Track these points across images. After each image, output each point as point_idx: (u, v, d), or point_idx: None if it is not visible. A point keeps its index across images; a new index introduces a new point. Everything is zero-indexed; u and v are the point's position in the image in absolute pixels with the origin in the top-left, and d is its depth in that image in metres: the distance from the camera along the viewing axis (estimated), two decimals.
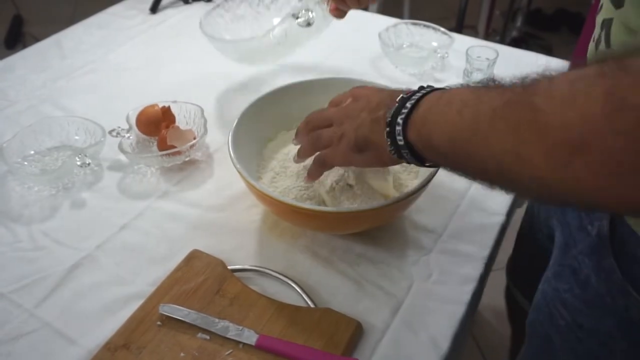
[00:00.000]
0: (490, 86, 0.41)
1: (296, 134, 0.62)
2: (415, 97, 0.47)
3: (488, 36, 2.48)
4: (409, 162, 0.49)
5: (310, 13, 0.82)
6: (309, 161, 0.61)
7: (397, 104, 0.48)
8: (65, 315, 0.60)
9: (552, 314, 0.62)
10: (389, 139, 0.48)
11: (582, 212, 0.59)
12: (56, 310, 0.60)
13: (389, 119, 0.48)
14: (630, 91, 0.30)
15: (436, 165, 0.50)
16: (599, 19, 0.54)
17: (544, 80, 0.35)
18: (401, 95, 0.49)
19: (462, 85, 0.45)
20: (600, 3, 0.54)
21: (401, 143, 0.47)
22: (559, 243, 0.63)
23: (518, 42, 2.62)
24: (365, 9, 0.87)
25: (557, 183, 0.34)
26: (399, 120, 0.47)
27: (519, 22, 2.69)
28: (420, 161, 0.48)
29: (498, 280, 1.01)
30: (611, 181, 0.31)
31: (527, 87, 0.36)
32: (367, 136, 0.51)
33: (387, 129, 0.48)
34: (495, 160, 0.38)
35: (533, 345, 0.69)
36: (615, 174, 0.31)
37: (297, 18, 0.82)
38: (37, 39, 1.11)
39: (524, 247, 0.91)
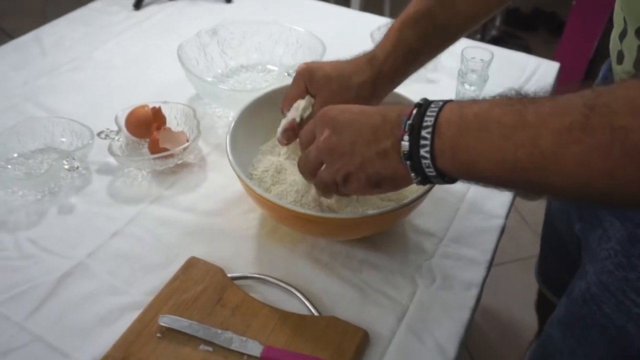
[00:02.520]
0: (524, 103, 0.39)
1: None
2: (428, 122, 0.43)
3: (469, 35, 2.50)
4: (431, 183, 0.47)
5: None
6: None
7: (406, 133, 0.44)
8: (57, 328, 0.57)
9: (622, 304, 0.62)
10: (413, 172, 0.45)
11: None
12: (47, 323, 0.57)
13: (406, 152, 0.44)
14: None
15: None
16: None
17: (616, 100, 0.35)
18: (405, 121, 0.45)
19: (474, 100, 0.43)
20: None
21: (432, 174, 0.44)
22: (618, 237, 0.62)
23: (497, 41, 2.64)
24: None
25: None
26: (424, 154, 0.43)
27: (497, 22, 2.72)
28: (449, 182, 0.46)
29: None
30: None
31: (596, 108, 0.35)
32: (379, 172, 0.48)
33: (408, 162, 0.45)
34: (578, 183, 0.37)
35: (590, 338, 0.69)
36: None
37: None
38: (7, 34, 1.06)
39: (552, 251, 0.93)
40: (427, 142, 0.42)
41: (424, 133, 0.43)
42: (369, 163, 0.48)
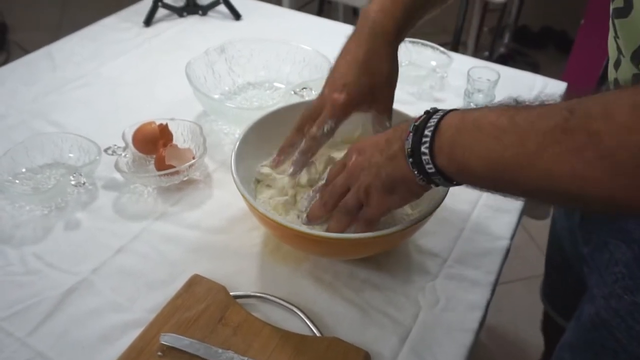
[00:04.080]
0: (516, 108, 0.42)
1: (311, 214, 0.61)
2: (431, 123, 0.47)
3: (477, 52, 2.51)
4: (437, 185, 0.49)
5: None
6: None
7: (411, 133, 0.48)
8: (59, 345, 0.57)
9: (632, 329, 0.61)
10: (415, 169, 0.48)
11: None
12: (50, 339, 0.58)
13: (409, 149, 0.47)
14: None
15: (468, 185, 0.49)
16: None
17: (594, 106, 0.37)
18: (412, 124, 0.48)
19: (476, 106, 0.45)
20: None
21: (432, 171, 0.47)
22: (624, 260, 0.62)
23: (505, 59, 2.65)
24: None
25: (627, 200, 0.36)
26: (424, 150, 0.46)
27: (506, 39, 2.72)
28: (452, 184, 0.48)
29: None
30: None
31: (576, 112, 0.37)
32: (390, 175, 0.50)
33: (410, 159, 0.47)
34: (554, 183, 0.39)
35: None
36: None
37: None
38: (22, 47, 1.09)
39: (557, 271, 0.93)
40: (428, 140, 0.46)
41: (426, 132, 0.46)
42: (383, 168, 0.51)
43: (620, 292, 0.63)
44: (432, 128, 0.46)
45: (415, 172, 0.48)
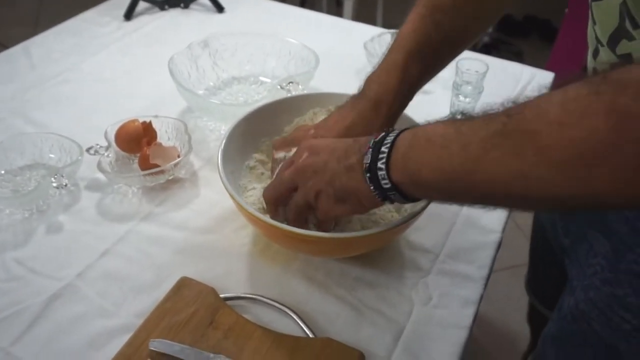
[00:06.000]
0: (463, 120, 0.43)
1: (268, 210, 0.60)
2: (388, 139, 0.47)
3: None
4: (392, 202, 0.50)
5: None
6: None
7: (370, 149, 0.48)
8: (44, 353, 0.55)
9: (611, 320, 0.61)
10: (371, 185, 0.48)
11: (630, 218, 0.60)
12: (35, 348, 0.56)
13: (367, 164, 0.48)
14: (633, 102, 0.32)
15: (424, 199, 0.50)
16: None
17: (528, 108, 0.38)
18: (372, 140, 0.49)
19: (429, 122, 0.47)
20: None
21: (387, 186, 0.47)
22: (603, 252, 0.62)
23: (489, 48, 2.65)
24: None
25: (572, 196, 0.37)
26: (380, 165, 0.47)
27: (490, 28, 2.72)
28: (407, 199, 0.49)
29: None
30: (631, 184, 0.34)
31: (512, 116, 0.38)
32: (345, 185, 0.50)
33: (368, 174, 0.48)
34: (499, 186, 0.40)
35: (582, 356, 0.68)
36: (633, 179, 0.33)
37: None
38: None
39: (542, 262, 0.93)
40: (384, 156, 0.47)
41: (382, 149, 0.47)
42: (337, 177, 0.51)
43: (598, 284, 0.63)
44: (388, 145, 0.47)
45: (372, 187, 0.48)
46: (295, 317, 0.59)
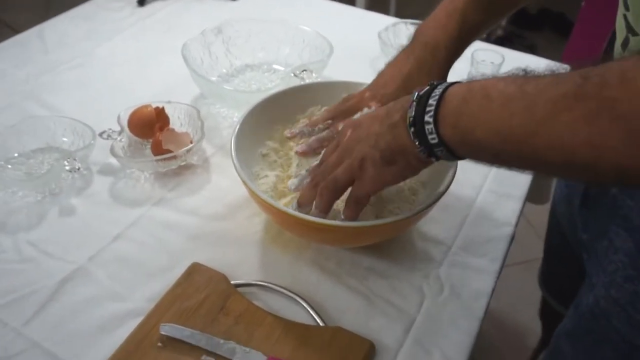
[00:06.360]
0: (527, 77, 0.40)
1: (302, 197, 0.57)
2: (437, 92, 0.45)
3: None
4: (438, 159, 0.47)
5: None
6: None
7: (414, 102, 0.46)
8: (56, 335, 0.56)
9: (632, 318, 0.61)
10: (416, 139, 0.46)
11: None
12: (46, 329, 0.56)
13: (412, 118, 0.45)
14: None
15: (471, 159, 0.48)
16: None
17: (610, 72, 0.35)
18: (416, 93, 0.46)
19: (484, 76, 0.44)
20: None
21: (434, 141, 0.45)
22: (625, 248, 0.61)
23: (503, 41, 2.62)
24: None
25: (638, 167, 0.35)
26: (428, 119, 0.44)
27: (503, 21, 2.69)
28: (454, 157, 0.46)
29: None
30: None
31: (590, 79, 0.35)
32: (390, 144, 0.48)
33: (412, 129, 0.45)
34: (564, 152, 0.37)
35: (601, 353, 0.67)
36: None
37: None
38: (11, 27, 1.05)
39: (557, 258, 0.92)
40: (432, 109, 0.44)
41: (430, 101, 0.44)
42: (382, 137, 0.49)
43: (620, 281, 0.62)
44: (436, 97, 0.44)
45: (417, 143, 0.46)
46: (305, 305, 0.59)
